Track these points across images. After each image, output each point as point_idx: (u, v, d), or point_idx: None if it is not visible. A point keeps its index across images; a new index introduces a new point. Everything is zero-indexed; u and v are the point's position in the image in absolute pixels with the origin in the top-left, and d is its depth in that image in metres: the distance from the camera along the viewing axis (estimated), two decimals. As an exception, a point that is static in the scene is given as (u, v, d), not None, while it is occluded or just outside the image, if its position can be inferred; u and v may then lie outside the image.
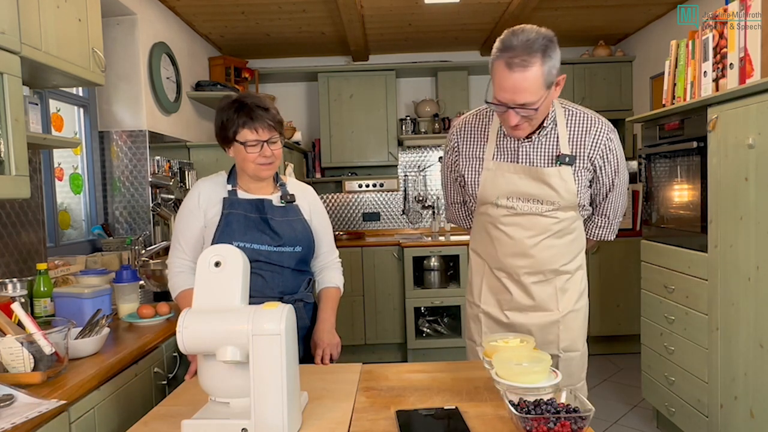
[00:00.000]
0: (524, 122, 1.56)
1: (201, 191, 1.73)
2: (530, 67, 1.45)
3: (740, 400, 2.22)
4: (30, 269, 2.11)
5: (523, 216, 1.68)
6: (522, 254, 1.70)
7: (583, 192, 1.68)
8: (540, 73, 1.47)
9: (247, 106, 1.63)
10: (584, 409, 1.11)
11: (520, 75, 1.46)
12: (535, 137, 1.65)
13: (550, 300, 1.74)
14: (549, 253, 1.70)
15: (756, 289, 2.10)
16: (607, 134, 1.66)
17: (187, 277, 1.71)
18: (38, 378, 1.38)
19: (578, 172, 1.65)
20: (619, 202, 1.79)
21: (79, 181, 2.95)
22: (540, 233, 1.68)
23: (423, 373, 1.56)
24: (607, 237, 1.85)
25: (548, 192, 1.64)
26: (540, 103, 1.52)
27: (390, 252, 4.33)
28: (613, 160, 1.68)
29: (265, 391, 1.10)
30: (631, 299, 4.12)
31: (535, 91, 1.48)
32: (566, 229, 1.71)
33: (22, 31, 1.56)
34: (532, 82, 1.47)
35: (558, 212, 1.67)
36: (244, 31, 4.07)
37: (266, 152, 1.65)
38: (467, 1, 3.58)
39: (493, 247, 1.75)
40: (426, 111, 4.69)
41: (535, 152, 1.65)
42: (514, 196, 1.67)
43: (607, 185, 1.73)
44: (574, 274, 1.76)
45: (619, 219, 1.83)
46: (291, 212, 1.75)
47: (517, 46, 1.45)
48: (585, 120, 1.66)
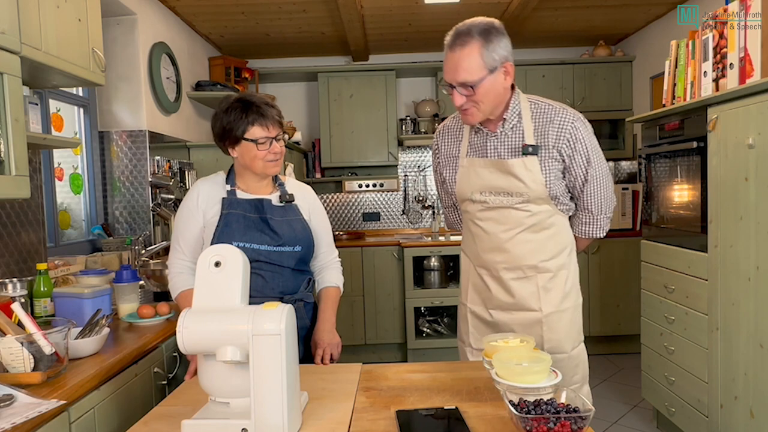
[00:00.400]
0: (470, 105, 1.61)
1: (200, 192, 1.73)
2: (467, 46, 1.55)
3: (740, 400, 2.22)
4: (30, 269, 2.11)
5: (496, 210, 1.71)
6: (498, 249, 1.73)
7: (554, 183, 1.67)
8: (478, 52, 1.54)
9: (255, 104, 1.65)
10: (584, 409, 1.11)
11: (458, 53, 1.56)
12: (500, 131, 1.69)
13: (531, 298, 1.73)
14: (525, 248, 1.71)
15: (756, 289, 2.10)
16: (572, 123, 1.66)
17: (186, 278, 1.71)
18: (38, 378, 1.38)
19: (545, 162, 1.66)
20: (600, 196, 1.74)
21: (79, 181, 2.95)
22: (514, 227, 1.70)
23: (423, 373, 1.56)
24: (595, 234, 1.81)
25: (516, 183, 1.66)
26: (481, 84, 1.56)
27: (390, 252, 4.33)
28: (581, 149, 1.67)
29: (265, 391, 1.10)
30: (631, 299, 4.13)
31: (474, 70, 1.55)
32: (542, 224, 1.71)
33: (22, 31, 1.56)
34: (469, 60, 1.54)
35: (530, 205, 1.68)
36: (244, 31, 4.07)
37: (275, 149, 1.67)
38: (467, 1, 3.58)
39: (474, 243, 1.80)
40: (426, 111, 4.69)
41: (501, 145, 1.69)
42: (486, 190, 1.71)
43: (580, 176, 1.70)
44: (557, 274, 1.74)
45: (606, 214, 1.78)
46: (290, 212, 1.75)
47: (460, 31, 1.58)
48: (549, 111, 1.68)
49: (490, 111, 1.64)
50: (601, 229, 1.80)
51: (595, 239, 1.86)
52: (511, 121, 1.68)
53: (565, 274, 1.76)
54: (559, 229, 1.75)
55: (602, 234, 1.82)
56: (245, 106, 1.65)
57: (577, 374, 1.78)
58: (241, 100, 1.67)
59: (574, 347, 1.78)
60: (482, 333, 1.82)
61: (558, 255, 1.75)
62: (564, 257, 1.77)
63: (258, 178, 1.73)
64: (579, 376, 1.79)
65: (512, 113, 1.67)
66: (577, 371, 1.78)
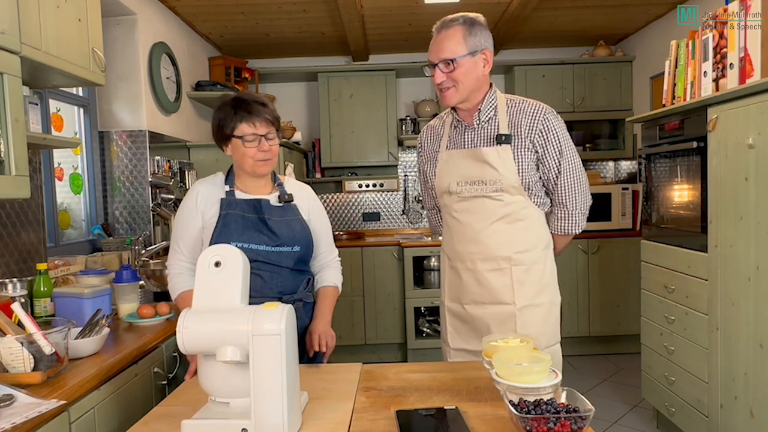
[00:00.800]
0: (450, 84, 1.71)
1: (199, 192, 1.73)
2: (452, 29, 1.69)
3: (740, 400, 2.22)
4: (30, 269, 2.11)
5: (471, 201, 1.76)
6: (473, 239, 1.77)
7: (527, 173, 1.73)
8: (461, 33, 1.68)
9: (245, 102, 1.67)
10: (584, 409, 1.11)
11: (443, 34, 1.70)
12: (477, 123, 1.78)
13: (505, 291, 1.75)
14: (498, 239, 1.74)
15: (756, 289, 2.10)
16: (544, 114, 1.75)
17: (186, 279, 1.71)
18: (38, 378, 1.39)
19: (518, 151, 1.73)
20: (574, 190, 1.78)
21: (79, 181, 2.95)
22: (488, 217, 1.75)
23: (423, 373, 1.56)
24: (570, 230, 1.83)
25: (489, 171, 1.73)
26: (462, 62, 1.68)
27: (390, 252, 4.33)
28: (553, 139, 1.74)
29: (265, 391, 1.10)
30: (631, 299, 4.13)
31: (456, 49, 1.68)
32: (515, 215, 1.75)
33: (22, 31, 1.56)
34: (453, 40, 1.68)
35: (503, 194, 1.73)
36: (244, 31, 4.07)
37: (264, 147, 1.66)
38: (467, 1, 3.58)
39: (450, 236, 1.85)
40: (426, 111, 4.69)
41: (478, 137, 1.78)
42: (463, 180, 1.77)
43: (554, 167, 1.76)
44: (531, 267, 1.76)
45: (580, 211, 1.81)
46: (289, 212, 1.75)
47: (447, 18, 1.72)
48: (523, 104, 1.78)
49: (467, 94, 1.74)
50: (577, 225, 1.83)
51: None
52: (487, 113, 1.78)
53: (539, 269, 1.79)
54: (533, 223, 1.79)
55: (578, 230, 1.84)
56: (236, 104, 1.67)
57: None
58: (234, 98, 1.69)
59: (549, 346, 1.79)
60: (459, 331, 1.85)
61: (532, 249, 1.78)
62: (538, 252, 1.79)
63: (253, 177, 1.73)
64: None
65: (488, 105, 1.78)
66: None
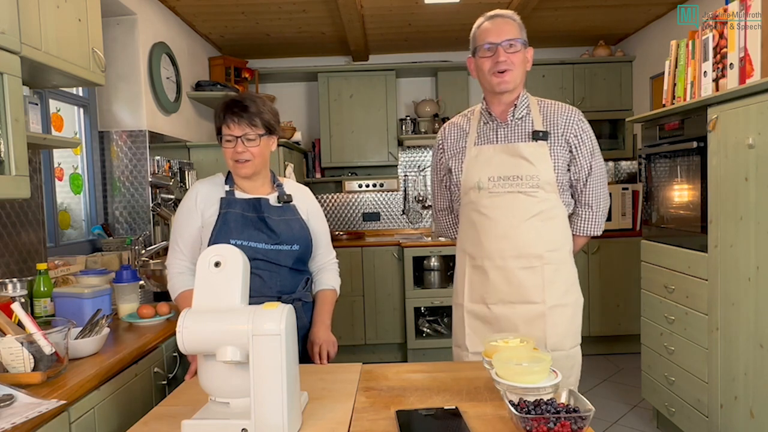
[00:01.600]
0: (510, 66, 1.73)
1: (198, 192, 1.73)
2: (506, 18, 1.75)
3: (740, 400, 2.22)
4: (30, 269, 2.11)
5: (502, 196, 1.75)
6: (504, 236, 1.75)
7: (561, 172, 1.75)
8: (517, 25, 1.75)
9: (229, 103, 1.68)
10: (584, 409, 1.11)
11: (500, 20, 1.75)
12: (510, 120, 1.78)
13: (535, 290, 1.73)
14: (531, 236, 1.73)
15: (756, 289, 2.10)
16: (578, 116, 1.80)
17: (186, 279, 1.71)
18: (38, 378, 1.38)
19: (553, 149, 1.74)
20: (600, 190, 1.82)
21: (79, 181, 2.95)
22: (521, 214, 1.74)
23: (423, 373, 1.56)
24: (594, 231, 1.86)
25: (525, 166, 1.72)
26: (520, 47, 1.73)
27: (390, 252, 4.33)
28: (587, 141, 1.79)
29: (265, 391, 1.10)
30: (631, 299, 4.12)
31: (517, 32, 1.73)
32: (548, 213, 1.74)
33: (22, 31, 1.56)
34: (510, 25, 1.74)
35: (539, 191, 1.73)
36: (244, 31, 4.07)
37: (238, 148, 1.66)
38: (467, 1, 3.58)
39: (477, 233, 1.80)
40: (426, 111, 4.69)
41: (512, 133, 1.78)
42: (495, 176, 1.76)
43: (585, 168, 1.79)
44: (560, 267, 1.77)
45: (603, 211, 1.85)
46: (288, 212, 1.75)
47: (500, 10, 1.79)
48: (555, 105, 1.82)
49: (516, 83, 1.76)
50: (599, 226, 1.86)
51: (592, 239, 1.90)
52: (521, 110, 1.79)
53: (566, 269, 1.79)
54: (562, 222, 1.79)
55: (599, 232, 1.87)
56: (227, 104, 1.68)
57: (572, 376, 1.78)
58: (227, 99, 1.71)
59: (573, 346, 1.78)
60: (480, 334, 1.78)
61: (561, 248, 1.78)
62: (565, 252, 1.80)
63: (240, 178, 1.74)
64: (573, 378, 1.78)
65: (522, 102, 1.79)
66: (572, 372, 1.78)
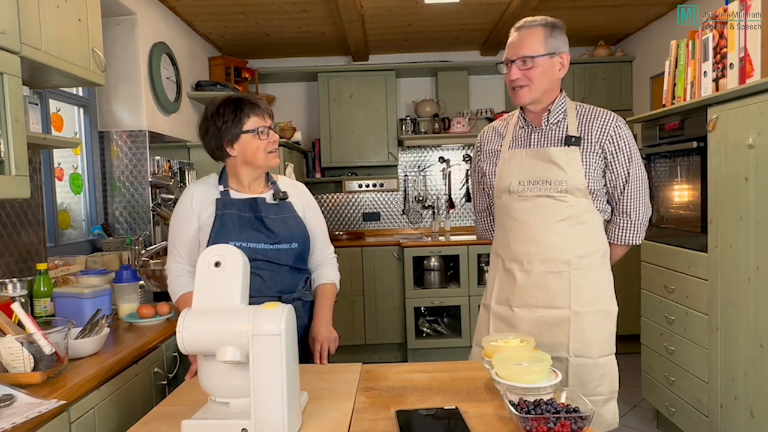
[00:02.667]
0: (525, 82, 1.70)
1: (193, 194, 1.73)
2: (532, 28, 1.71)
3: (740, 400, 2.22)
4: (30, 269, 2.11)
5: (532, 200, 1.73)
6: (532, 240, 1.74)
7: (593, 178, 1.71)
8: (541, 33, 1.69)
9: (244, 100, 1.69)
10: (584, 409, 1.11)
11: (524, 32, 1.71)
12: (545, 125, 1.76)
13: (561, 295, 1.71)
14: (559, 240, 1.71)
15: (756, 289, 2.10)
16: (616, 122, 1.74)
17: (185, 281, 1.72)
18: (38, 378, 1.38)
19: (586, 155, 1.71)
20: (639, 199, 1.77)
21: (79, 181, 2.95)
22: (550, 218, 1.72)
23: (423, 373, 1.56)
24: (632, 240, 1.80)
25: (555, 171, 1.70)
26: (539, 61, 1.68)
27: (390, 252, 4.33)
28: (624, 148, 1.73)
29: (265, 391, 1.10)
30: (631, 299, 4.11)
31: (535, 47, 1.68)
32: (577, 217, 1.71)
33: (22, 31, 1.56)
34: (532, 38, 1.69)
35: (568, 196, 1.70)
36: (244, 31, 4.07)
37: (273, 137, 1.70)
38: (467, 1, 3.58)
39: (506, 236, 1.81)
40: (426, 111, 4.69)
41: (545, 138, 1.76)
42: (525, 180, 1.75)
43: (622, 176, 1.74)
44: (588, 274, 1.72)
45: (643, 221, 1.79)
46: (284, 209, 1.75)
47: (529, 18, 1.74)
48: (593, 111, 1.77)
49: (540, 95, 1.73)
50: (638, 236, 1.80)
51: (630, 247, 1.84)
52: (556, 115, 1.76)
53: (596, 275, 1.74)
54: (594, 228, 1.75)
55: (638, 241, 1.81)
56: (236, 102, 1.68)
57: (603, 386, 1.72)
58: (228, 99, 1.70)
59: (603, 355, 1.72)
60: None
61: (591, 254, 1.74)
62: (597, 258, 1.75)
63: (255, 174, 1.74)
64: (605, 388, 1.72)
65: (558, 108, 1.76)
66: (602, 382, 1.72)
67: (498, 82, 4.85)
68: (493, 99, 4.91)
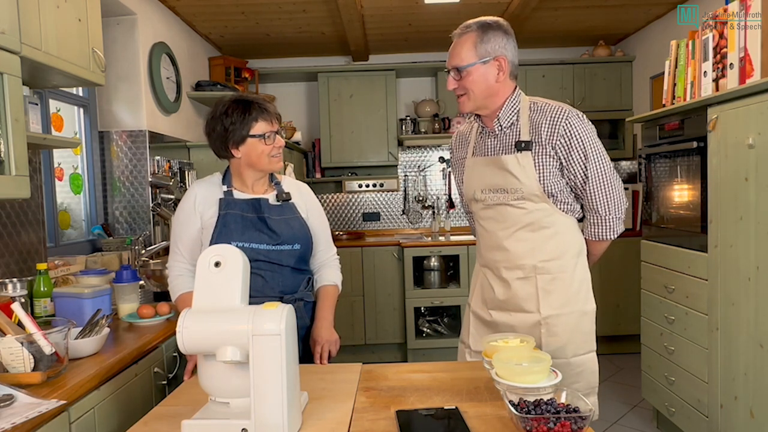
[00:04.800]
0: (462, 91, 1.71)
1: (197, 194, 1.73)
2: (464, 35, 1.70)
3: (740, 400, 2.22)
4: (30, 269, 2.11)
5: (494, 208, 1.75)
6: (497, 247, 1.75)
7: (549, 180, 1.67)
8: (472, 41, 1.68)
9: (254, 103, 1.69)
10: (584, 409, 1.11)
11: (457, 41, 1.72)
12: (498, 130, 1.75)
13: (529, 300, 1.71)
14: (522, 247, 1.71)
15: (756, 289, 2.10)
16: (566, 118, 1.65)
17: (186, 281, 1.71)
18: (38, 378, 1.39)
19: (538, 158, 1.67)
20: (605, 195, 1.69)
21: (79, 181, 2.95)
22: (511, 225, 1.72)
23: (423, 373, 1.56)
24: (605, 235, 1.75)
25: (510, 179, 1.70)
26: (470, 71, 1.67)
27: (390, 252, 4.33)
28: (576, 145, 1.65)
29: (265, 391, 1.10)
30: (631, 299, 4.13)
31: (465, 56, 1.68)
32: (539, 222, 1.70)
33: (22, 31, 1.56)
34: (463, 47, 1.69)
35: (526, 202, 1.69)
36: (244, 31, 4.07)
37: (279, 142, 1.70)
38: (467, 1, 3.58)
39: (479, 242, 1.85)
40: (426, 111, 4.69)
41: (500, 144, 1.75)
42: (486, 188, 1.76)
43: (579, 174, 1.68)
44: (558, 276, 1.70)
45: (615, 216, 1.72)
46: (287, 210, 1.75)
47: (464, 24, 1.73)
48: (545, 108, 1.70)
49: (482, 101, 1.72)
50: (612, 230, 1.74)
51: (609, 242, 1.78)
52: (508, 119, 1.73)
53: (568, 277, 1.72)
54: (561, 231, 1.71)
55: (613, 236, 1.76)
56: (246, 104, 1.67)
57: (579, 383, 1.72)
58: (238, 100, 1.69)
59: (577, 355, 1.72)
60: (482, 335, 1.80)
61: (560, 257, 1.71)
62: (567, 260, 1.72)
63: (259, 176, 1.74)
64: (582, 384, 1.73)
65: (509, 111, 1.72)
66: (579, 379, 1.72)
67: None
68: (493, 99, 4.91)
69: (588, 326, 1.76)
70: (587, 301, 1.76)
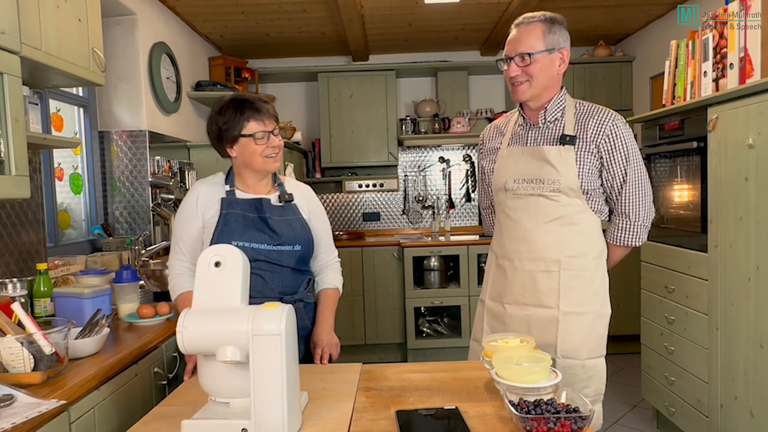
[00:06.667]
0: (524, 78, 1.71)
1: (199, 193, 1.73)
2: (531, 24, 1.71)
3: (740, 400, 2.22)
4: (30, 269, 2.11)
5: (525, 198, 1.74)
6: (523, 238, 1.74)
7: (587, 178, 1.69)
8: (540, 29, 1.69)
9: (249, 101, 1.67)
10: (584, 409, 1.11)
11: (523, 29, 1.72)
12: (542, 123, 1.76)
13: (550, 294, 1.71)
14: (549, 239, 1.71)
15: (756, 289, 2.10)
16: (612, 120, 1.71)
17: (186, 280, 1.71)
18: (38, 378, 1.38)
19: (581, 154, 1.69)
20: (638, 200, 1.72)
21: (79, 181, 2.95)
22: (541, 217, 1.72)
23: (423, 373, 1.56)
24: (631, 242, 1.76)
25: (548, 170, 1.70)
26: (538, 58, 1.68)
27: (390, 252, 4.33)
28: (621, 147, 1.70)
29: (265, 391, 1.10)
30: (631, 299, 4.12)
31: (533, 43, 1.69)
32: (569, 217, 1.71)
33: (22, 31, 1.56)
34: (531, 35, 1.69)
35: (561, 195, 1.70)
36: (244, 31, 4.07)
37: (273, 142, 1.68)
38: (467, 1, 3.58)
39: (501, 233, 1.83)
40: (426, 111, 4.69)
41: (542, 136, 1.76)
42: (520, 178, 1.75)
43: (619, 176, 1.71)
44: (580, 274, 1.71)
45: (643, 223, 1.74)
46: (289, 211, 1.75)
47: (528, 15, 1.75)
48: (592, 109, 1.76)
49: (540, 90, 1.73)
50: (638, 237, 1.75)
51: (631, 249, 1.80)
52: (554, 113, 1.76)
53: (589, 276, 1.72)
54: (587, 229, 1.73)
55: (639, 243, 1.77)
56: (239, 104, 1.66)
57: (589, 388, 1.71)
58: (234, 99, 1.69)
59: (591, 357, 1.71)
60: (496, 331, 1.79)
61: (583, 255, 1.72)
62: (589, 259, 1.73)
63: (258, 176, 1.73)
64: (591, 390, 1.72)
65: (555, 106, 1.76)
66: (589, 384, 1.71)
67: (498, 82, 4.85)
68: (493, 99, 4.91)
69: (602, 330, 1.75)
70: (604, 304, 1.76)
